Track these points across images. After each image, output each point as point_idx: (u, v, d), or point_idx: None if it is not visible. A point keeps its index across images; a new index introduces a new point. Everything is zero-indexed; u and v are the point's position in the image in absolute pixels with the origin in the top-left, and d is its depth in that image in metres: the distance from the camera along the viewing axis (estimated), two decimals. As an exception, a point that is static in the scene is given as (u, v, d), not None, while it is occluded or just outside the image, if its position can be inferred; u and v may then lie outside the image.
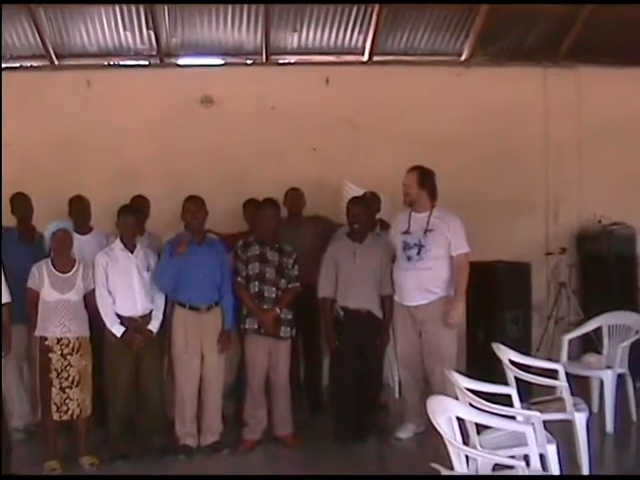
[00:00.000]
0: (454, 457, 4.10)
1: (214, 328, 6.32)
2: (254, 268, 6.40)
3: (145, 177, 8.10)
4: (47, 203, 7.09)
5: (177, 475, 5.97)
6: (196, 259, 6.24)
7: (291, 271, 6.49)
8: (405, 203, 6.58)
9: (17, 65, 8.40)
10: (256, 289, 6.39)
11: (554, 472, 4.63)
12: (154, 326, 6.24)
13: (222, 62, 8.71)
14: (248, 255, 6.43)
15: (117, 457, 6.12)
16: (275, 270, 6.42)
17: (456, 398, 4.63)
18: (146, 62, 8.63)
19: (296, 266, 6.51)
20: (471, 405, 4.53)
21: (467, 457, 4.24)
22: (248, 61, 8.73)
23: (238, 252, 6.48)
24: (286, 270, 6.47)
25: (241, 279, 6.41)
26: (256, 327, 6.38)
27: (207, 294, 6.32)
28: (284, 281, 6.45)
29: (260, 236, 6.52)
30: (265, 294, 6.39)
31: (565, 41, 8.71)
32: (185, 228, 6.37)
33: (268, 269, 6.41)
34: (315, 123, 8.48)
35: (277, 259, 6.45)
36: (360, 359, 6.55)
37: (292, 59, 8.80)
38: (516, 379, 5.53)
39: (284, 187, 7.57)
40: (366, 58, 8.77)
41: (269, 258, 6.43)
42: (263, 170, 8.24)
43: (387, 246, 6.71)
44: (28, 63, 8.44)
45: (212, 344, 6.30)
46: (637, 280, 8.56)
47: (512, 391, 5.22)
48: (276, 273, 6.42)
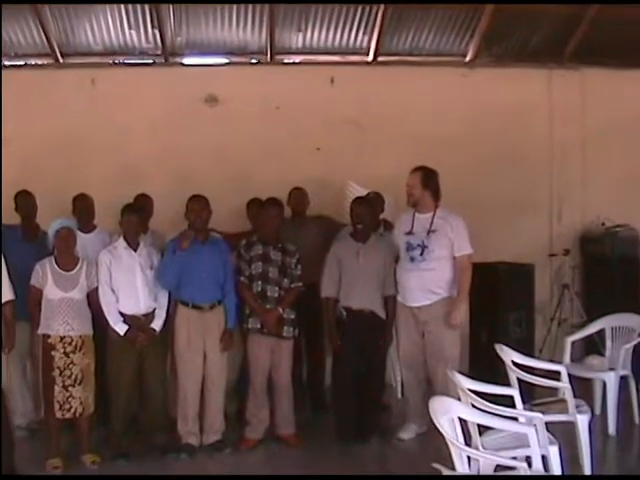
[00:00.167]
0: (456, 458, 4.10)
1: (217, 327, 6.33)
2: (257, 267, 6.41)
3: (149, 176, 8.09)
4: (51, 201, 7.09)
5: (179, 475, 5.97)
6: (199, 258, 6.24)
7: (294, 271, 6.49)
8: (409, 203, 6.57)
9: (22, 63, 8.40)
10: (259, 289, 6.40)
11: (556, 474, 4.63)
12: (157, 325, 6.24)
13: (227, 61, 8.71)
14: (251, 254, 6.44)
15: (119, 455, 6.13)
16: (278, 270, 6.43)
17: (458, 399, 4.63)
18: (151, 61, 8.62)
19: (299, 266, 6.52)
20: (473, 406, 4.53)
21: (469, 458, 4.24)
22: (253, 61, 8.72)
23: (241, 251, 6.48)
24: (289, 270, 6.47)
25: (244, 278, 6.42)
26: (259, 326, 6.39)
27: (210, 293, 6.32)
28: (287, 281, 6.46)
29: (263, 236, 6.52)
30: (268, 294, 6.39)
31: (570, 42, 8.70)
32: (189, 227, 6.37)
33: (271, 269, 6.41)
34: (319, 123, 8.48)
35: (280, 259, 6.45)
36: (363, 359, 6.54)
37: (297, 59, 8.79)
38: (519, 380, 5.53)
39: (288, 186, 7.58)
40: (371, 58, 8.76)
41: (272, 258, 6.43)
42: (267, 169, 8.24)
43: (390, 246, 6.70)
44: (33, 61, 8.43)
45: (215, 343, 6.30)
46: (640, 282, 8.57)
47: (514, 392, 5.22)
48: (279, 273, 6.43)
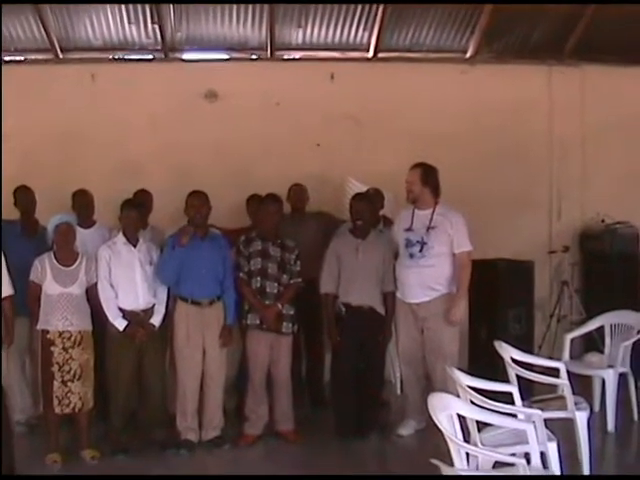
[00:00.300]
0: (455, 454, 4.10)
1: (216, 323, 6.33)
2: (256, 264, 6.41)
3: (148, 171, 8.09)
4: (50, 196, 7.07)
5: (177, 475, 5.96)
6: (199, 254, 6.24)
7: (293, 267, 6.49)
8: (408, 200, 6.57)
9: (22, 58, 8.40)
10: (258, 284, 6.40)
11: (555, 470, 4.64)
12: (156, 320, 6.24)
13: (227, 57, 8.71)
14: (250, 250, 6.44)
15: (118, 451, 6.13)
16: (277, 266, 6.43)
17: (457, 395, 4.64)
18: (151, 56, 8.62)
19: (298, 262, 6.52)
20: (472, 402, 4.53)
21: (468, 454, 4.24)
22: (253, 56, 8.72)
23: (240, 247, 6.49)
24: (288, 266, 6.47)
25: (243, 274, 6.42)
26: (258, 322, 6.39)
27: (209, 289, 6.32)
28: (286, 277, 6.46)
29: (262, 232, 6.52)
30: (267, 290, 6.39)
31: (570, 39, 8.70)
32: (188, 223, 6.36)
33: (270, 265, 6.41)
34: (319, 119, 8.47)
35: (279, 255, 6.45)
36: (362, 355, 6.54)
37: (297, 55, 8.79)
38: (518, 377, 5.53)
39: (288, 182, 7.57)
40: (371, 54, 8.76)
41: (271, 254, 6.43)
42: (267, 165, 8.24)
43: (390, 243, 6.70)
44: (33, 56, 8.43)
45: (214, 339, 6.30)
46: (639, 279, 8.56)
47: (514, 389, 5.23)
48: (278, 269, 6.43)
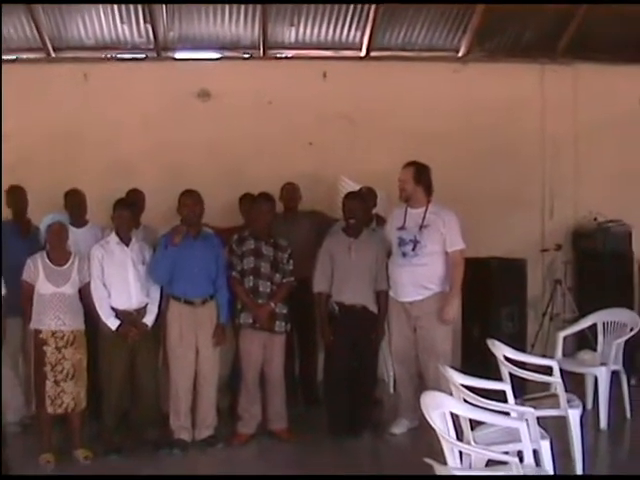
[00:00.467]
0: (448, 452, 4.10)
1: (209, 322, 6.32)
2: (249, 263, 6.40)
3: (141, 171, 8.08)
4: (43, 196, 7.07)
5: (171, 475, 5.94)
6: (191, 253, 6.24)
7: (286, 266, 6.49)
8: (401, 198, 6.57)
9: (14, 58, 8.38)
10: (251, 284, 6.39)
11: (547, 468, 4.64)
12: (149, 320, 6.24)
13: (219, 56, 8.70)
14: (243, 250, 6.44)
15: (111, 450, 6.11)
16: (270, 265, 6.43)
17: (450, 394, 4.64)
18: (143, 55, 8.60)
19: (291, 261, 6.52)
20: (465, 401, 4.54)
21: (461, 453, 4.25)
22: (245, 55, 8.72)
23: (233, 247, 6.48)
24: (281, 265, 6.47)
25: (236, 273, 6.41)
26: (251, 321, 6.39)
27: (202, 288, 6.31)
28: (279, 276, 6.46)
29: (255, 231, 6.51)
30: (260, 289, 6.39)
31: (563, 38, 8.71)
32: (181, 222, 6.36)
33: (263, 264, 6.41)
34: (312, 118, 8.47)
35: (272, 254, 6.45)
36: (355, 354, 6.55)
37: (289, 53, 8.78)
38: (511, 375, 5.53)
39: (280, 181, 7.57)
40: (363, 53, 8.77)
41: (264, 253, 6.43)
42: (259, 164, 8.24)
43: (383, 241, 6.71)
44: (25, 56, 8.41)
45: (207, 338, 6.30)
46: (632, 277, 8.58)
47: (506, 387, 5.23)
48: (271, 268, 6.43)
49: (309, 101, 8.42)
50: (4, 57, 8.27)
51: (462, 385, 4.72)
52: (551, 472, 4.64)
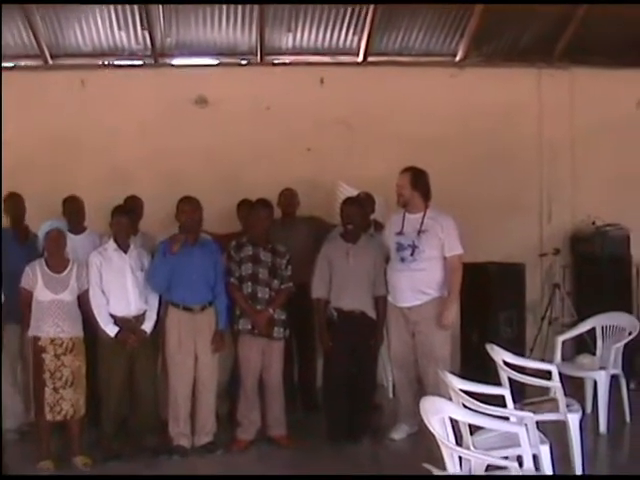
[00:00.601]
0: (447, 458, 4.10)
1: (208, 328, 6.32)
2: (247, 269, 6.40)
3: (139, 177, 8.09)
4: (41, 203, 7.08)
5: (170, 475, 5.96)
6: (190, 259, 6.23)
7: (284, 272, 6.49)
8: (399, 204, 6.58)
9: (11, 65, 8.38)
10: (249, 290, 6.39)
11: (547, 473, 4.64)
12: (148, 326, 6.23)
13: (216, 62, 8.71)
14: (241, 256, 6.43)
15: (110, 457, 6.10)
16: (268, 271, 6.42)
17: (449, 399, 4.63)
18: (140, 62, 8.61)
19: (289, 267, 6.51)
20: (464, 406, 4.53)
21: (460, 458, 4.24)
22: (242, 61, 8.73)
23: (231, 253, 6.48)
24: (279, 271, 6.47)
25: (234, 280, 6.41)
26: (249, 328, 6.38)
27: (201, 294, 6.31)
28: (277, 282, 6.45)
29: (253, 237, 6.51)
30: (258, 295, 6.39)
31: (559, 42, 8.73)
32: (180, 228, 6.36)
33: (261, 270, 6.41)
34: (309, 123, 8.48)
35: (270, 260, 6.45)
36: (354, 360, 6.54)
37: (287, 59, 8.79)
38: (510, 380, 5.53)
39: (278, 187, 7.57)
40: (361, 59, 8.77)
41: (262, 259, 6.43)
42: (257, 170, 8.25)
43: (381, 247, 6.71)
44: (22, 63, 8.42)
45: (206, 344, 6.29)
46: (630, 281, 8.58)
47: (505, 392, 5.22)
48: (269, 274, 6.42)
49: (306, 107, 8.42)
50: (2, 64, 8.27)
51: (461, 390, 4.71)
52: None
